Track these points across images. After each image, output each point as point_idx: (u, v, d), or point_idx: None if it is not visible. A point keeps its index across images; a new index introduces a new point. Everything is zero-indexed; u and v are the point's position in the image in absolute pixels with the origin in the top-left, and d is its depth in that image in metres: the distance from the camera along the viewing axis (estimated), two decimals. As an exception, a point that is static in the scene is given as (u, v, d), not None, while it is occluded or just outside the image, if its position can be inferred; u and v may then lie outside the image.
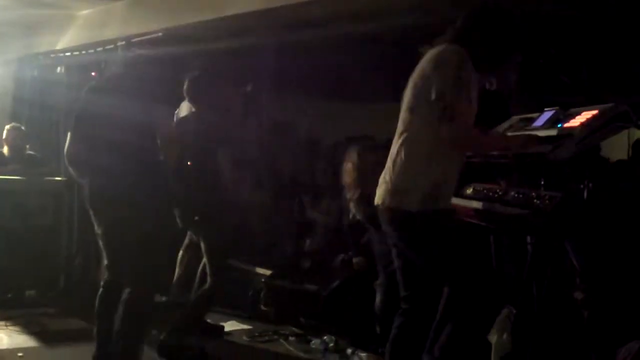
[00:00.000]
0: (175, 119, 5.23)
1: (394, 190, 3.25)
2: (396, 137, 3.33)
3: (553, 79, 4.89)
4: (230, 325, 5.70)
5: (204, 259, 5.02)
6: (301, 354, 5.09)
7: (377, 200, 3.37)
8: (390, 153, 3.35)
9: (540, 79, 5.04)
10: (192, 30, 6.17)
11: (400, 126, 3.31)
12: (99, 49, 7.17)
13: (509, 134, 3.53)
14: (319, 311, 5.55)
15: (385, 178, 3.33)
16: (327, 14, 5.44)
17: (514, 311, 3.68)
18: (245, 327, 5.62)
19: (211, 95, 5.04)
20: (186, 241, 5.93)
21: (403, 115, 3.30)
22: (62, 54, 7.81)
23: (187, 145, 4.60)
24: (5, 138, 6.86)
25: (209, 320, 5.38)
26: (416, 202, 3.16)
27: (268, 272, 6.10)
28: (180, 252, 6.07)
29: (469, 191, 3.63)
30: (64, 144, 4.30)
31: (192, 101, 5.15)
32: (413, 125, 3.23)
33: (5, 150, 6.86)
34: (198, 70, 5.25)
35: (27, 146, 7.00)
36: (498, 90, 4.70)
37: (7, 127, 6.93)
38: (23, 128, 7.05)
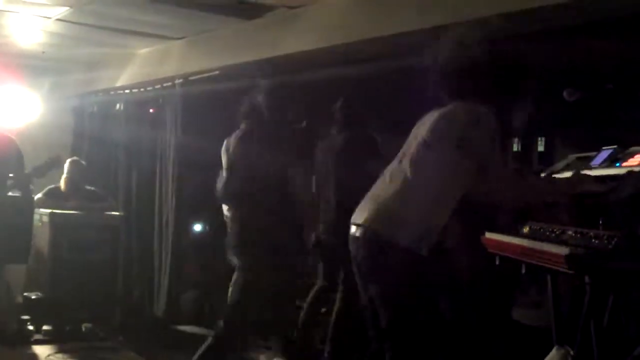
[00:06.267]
0: None
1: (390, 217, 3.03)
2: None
3: (610, 116, 4.83)
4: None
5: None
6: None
7: (359, 219, 3.10)
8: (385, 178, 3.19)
9: (597, 115, 4.99)
10: (248, 68, 6.26)
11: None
12: (157, 86, 7.34)
13: (566, 173, 3.50)
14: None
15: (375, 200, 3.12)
16: (384, 51, 5.47)
17: (572, 352, 3.62)
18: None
19: None
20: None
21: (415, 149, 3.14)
22: (121, 91, 8.02)
23: None
24: (67, 171, 7.01)
25: None
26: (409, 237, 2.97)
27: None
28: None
29: (526, 230, 3.59)
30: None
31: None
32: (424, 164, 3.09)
33: (62, 185, 7.00)
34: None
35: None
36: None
37: (69, 160, 7.11)
38: (84, 163, 7.22)
